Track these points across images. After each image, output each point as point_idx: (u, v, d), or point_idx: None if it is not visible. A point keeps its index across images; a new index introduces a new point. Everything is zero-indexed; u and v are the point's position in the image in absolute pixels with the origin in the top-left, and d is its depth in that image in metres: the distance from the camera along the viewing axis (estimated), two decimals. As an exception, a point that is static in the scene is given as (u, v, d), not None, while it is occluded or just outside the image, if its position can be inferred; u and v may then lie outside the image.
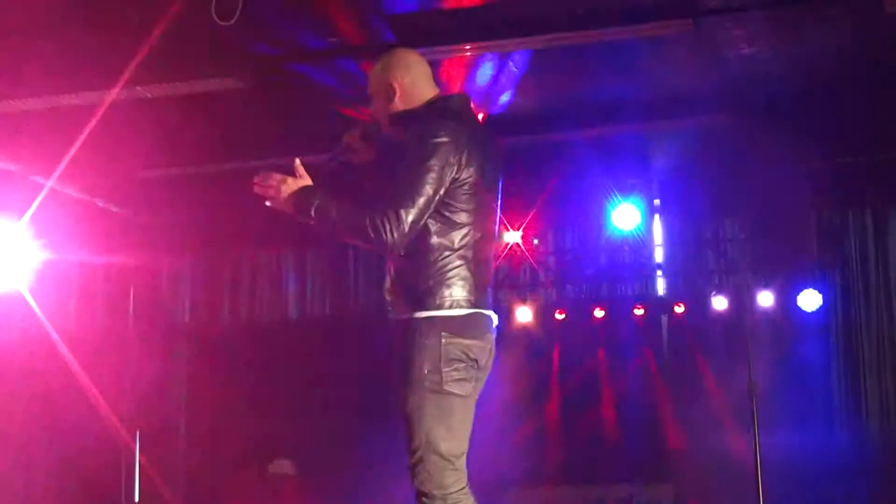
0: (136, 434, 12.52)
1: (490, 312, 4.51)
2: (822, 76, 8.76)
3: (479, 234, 4.42)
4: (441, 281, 4.31)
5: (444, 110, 4.48)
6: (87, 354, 12.32)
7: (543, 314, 11.87)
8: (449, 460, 4.41)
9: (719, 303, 11.32)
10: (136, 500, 12.47)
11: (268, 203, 4.45)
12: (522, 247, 11.81)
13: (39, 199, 9.73)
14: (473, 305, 4.38)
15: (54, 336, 11.70)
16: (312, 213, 4.35)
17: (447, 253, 4.33)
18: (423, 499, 4.44)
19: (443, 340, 4.30)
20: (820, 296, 11.04)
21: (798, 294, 11.07)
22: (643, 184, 10.62)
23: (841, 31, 7.93)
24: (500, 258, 12.02)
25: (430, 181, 4.22)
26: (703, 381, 11.12)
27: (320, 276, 12.87)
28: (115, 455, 12.27)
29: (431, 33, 7.69)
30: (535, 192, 11.21)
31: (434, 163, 4.23)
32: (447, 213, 4.31)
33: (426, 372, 4.31)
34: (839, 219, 11.51)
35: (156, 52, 7.62)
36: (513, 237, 11.65)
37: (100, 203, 11.58)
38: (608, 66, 8.55)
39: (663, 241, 11.74)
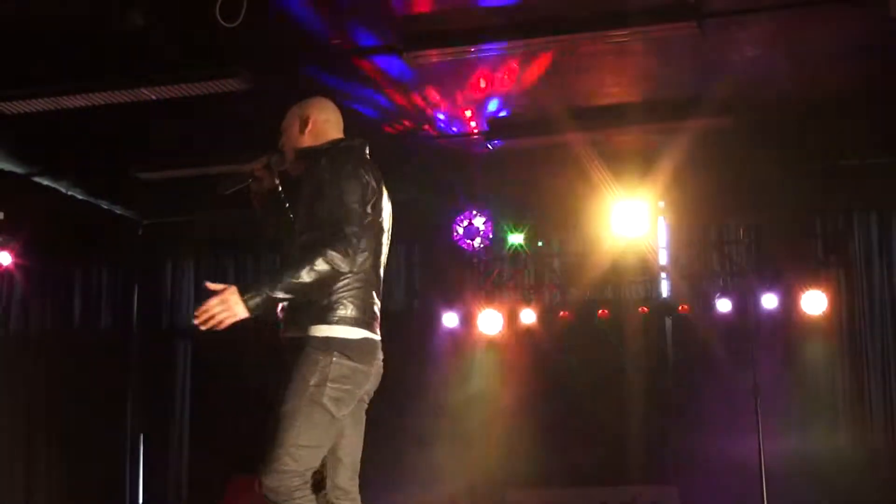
0: (139, 435, 12.57)
1: (378, 337, 4.74)
2: (825, 78, 8.75)
3: (374, 261, 4.71)
4: (340, 300, 4.55)
5: (349, 147, 4.79)
6: (91, 354, 12.37)
7: (548, 316, 11.85)
8: (300, 469, 4.57)
9: (723, 305, 11.30)
10: (140, 501, 12.51)
11: (224, 324, 4.49)
12: (527, 249, 11.82)
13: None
14: (366, 327, 4.63)
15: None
16: (280, 304, 4.59)
17: (350, 278, 4.56)
18: (269, 495, 4.57)
19: (334, 359, 4.54)
20: (824, 298, 11.02)
21: (802, 296, 11.05)
22: (647, 185, 10.60)
23: (846, 33, 7.92)
24: (505, 260, 12.06)
25: (359, 201, 4.54)
26: (707, 383, 11.09)
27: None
28: (120, 456, 12.32)
29: (434, 35, 7.70)
30: (539, 194, 11.21)
31: (359, 186, 4.56)
32: None
33: (311, 383, 4.53)
34: (843, 221, 11.50)
35: (160, 53, 7.66)
36: (517, 239, 11.66)
37: (104, 205, 11.60)
38: (612, 68, 8.55)
39: (667, 243, 11.72)
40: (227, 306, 4.43)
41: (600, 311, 11.76)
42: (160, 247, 12.60)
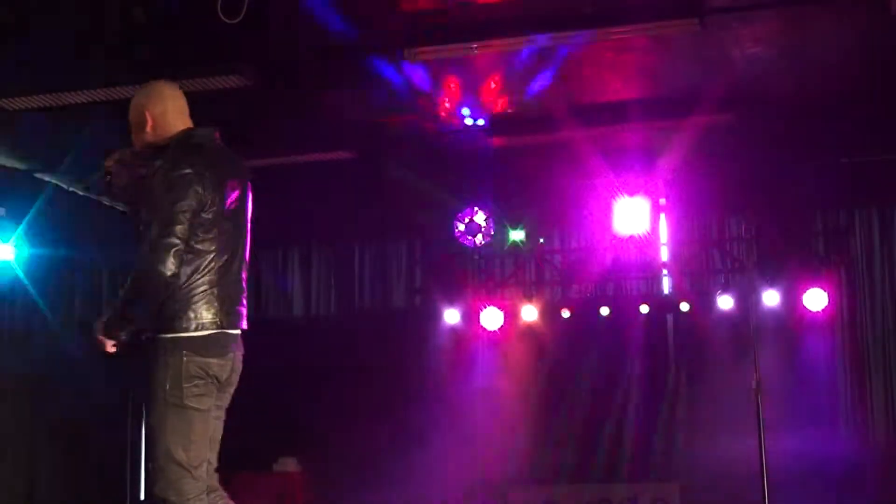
0: (142, 430, 12.53)
1: (236, 330, 4.83)
2: (827, 76, 8.75)
3: (225, 257, 4.72)
4: (187, 305, 4.58)
5: (187, 144, 4.72)
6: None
7: (549, 313, 11.84)
8: (188, 469, 4.62)
9: (725, 302, 11.28)
10: (142, 498, 12.48)
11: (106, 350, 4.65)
12: (528, 246, 11.81)
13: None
14: (219, 326, 4.68)
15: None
16: (123, 322, 4.61)
17: (195, 278, 4.60)
18: None
19: (184, 359, 4.58)
20: (826, 295, 11.01)
21: (804, 293, 11.04)
22: (649, 182, 10.60)
23: (847, 31, 7.92)
24: (506, 256, 12.06)
25: (189, 208, 4.51)
26: (709, 380, 11.09)
27: (325, 274, 12.87)
28: (121, 452, 12.29)
29: (439, 30, 7.69)
30: (540, 191, 11.21)
31: (181, 194, 4.49)
32: (192, 243, 4.56)
33: (168, 388, 4.57)
34: (845, 218, 11.50)
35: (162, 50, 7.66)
36: (518, 236, 11.65)
37: (106, 201, 11.56)
38: (614, 64, 8.54)
39: (669, 239, 11.71)
40: (95, 341, 4.62)
41: (601, 308, 11.75)
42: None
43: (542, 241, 12.04)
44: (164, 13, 7.24)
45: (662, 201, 11.30)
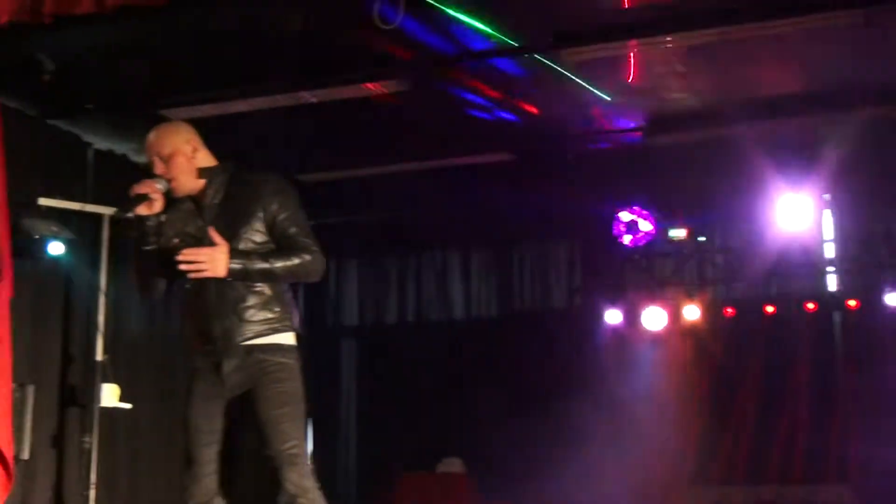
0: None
1: None
2: None
3: None
4: (291, 306, 5.14)
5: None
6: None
7: (712, 311, 11.70)
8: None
9: (894, 299, 11.02)
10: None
11: (203, 275, 4.82)
12: (689, 244, 11.68)
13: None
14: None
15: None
16: (256, 276, 4.90)
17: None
18: (305, 494, 4.87)
19: (297, 360, 5.04)
20: None
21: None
22: (812, 178, 10.40)
23: None
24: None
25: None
26: (880, 379, 10.81)
27: (485, 276, 12.92)
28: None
29: (592, 31, 7.66)
30: (699, 188, 11.08)
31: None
32: None
33: (298, 384, 4.98)
34: None
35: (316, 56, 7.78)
36: (679, 234, 11.53)
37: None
38: (774, 58, 8.40)
39: (834, 236, 11.49)
40: (213, 261, 4.79)
41: (766, 307, 11.56)
42: (324, 247, 12.75)
43: (703, 238, 11.90)
44: (319, 20, 7.33)
45: (826, 197, 11.10)
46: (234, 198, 5.02)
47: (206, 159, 5.12)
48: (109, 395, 8.60)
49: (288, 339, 5.01)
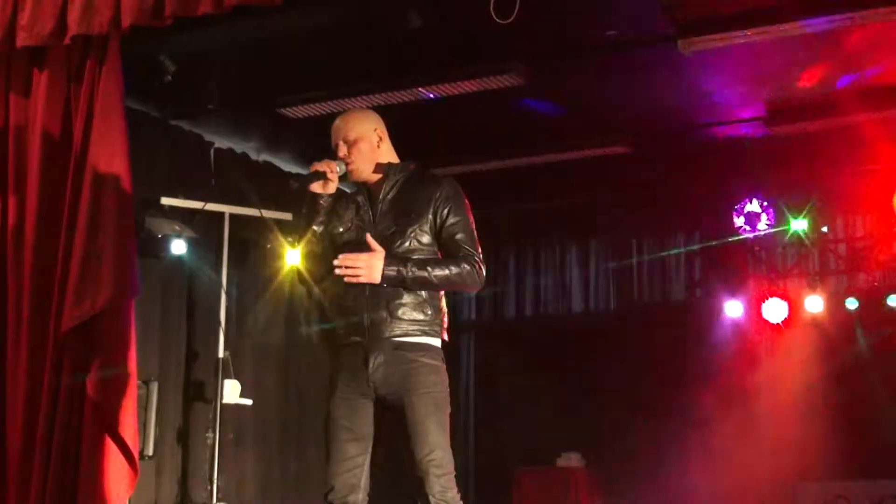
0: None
1: None
2: None
3: None
4: (443, 312, 5.05)
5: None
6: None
7: (834, 302, 11.52)
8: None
9: None
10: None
11: (358, 280, 4.83)
12: (810, 235, 11.51)
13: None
14: None
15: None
16: (411, 283, 4.87)
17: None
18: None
19: (444, 364, 4.99)
20: None
21: None
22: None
23: None
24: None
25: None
26: None
27: (604, 269, 12.87)
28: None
29: (709, 20, 7.59)
30: (820, 178, 10.93)
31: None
32: None
33: (446, 390, 4.93)
34: None
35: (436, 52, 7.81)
36: (799, 225, 11.36)
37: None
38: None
39: (962, 224, 11.25)
40: (369, 268, 4.81)
41: (889, 297, 11.35)
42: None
43: (824, 229, 11.72)
44: (437, 16, 7.37)
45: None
46: (407, 196, 5.04)
47: (388, 152, 5.17)
48: (231, 391, 8.72)
49: (436, 343, 4.97)
